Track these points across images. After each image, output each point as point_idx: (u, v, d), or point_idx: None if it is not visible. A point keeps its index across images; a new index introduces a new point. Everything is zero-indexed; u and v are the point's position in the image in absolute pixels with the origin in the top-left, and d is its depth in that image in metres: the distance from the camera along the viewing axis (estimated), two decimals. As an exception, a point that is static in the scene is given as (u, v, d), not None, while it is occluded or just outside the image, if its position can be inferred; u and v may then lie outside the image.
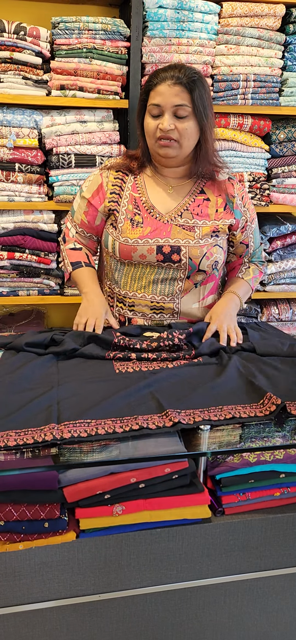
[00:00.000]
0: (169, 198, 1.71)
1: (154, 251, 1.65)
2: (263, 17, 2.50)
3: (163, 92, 1.59)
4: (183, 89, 1.59)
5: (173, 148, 1.63)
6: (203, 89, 1.63)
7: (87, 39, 2.41)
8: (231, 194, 1.74)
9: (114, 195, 1.71)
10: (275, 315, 2.93)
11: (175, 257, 1.65)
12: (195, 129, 1.63)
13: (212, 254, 1.69)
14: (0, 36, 2.33)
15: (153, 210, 1.68)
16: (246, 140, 2.65)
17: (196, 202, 1.70)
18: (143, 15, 2.41)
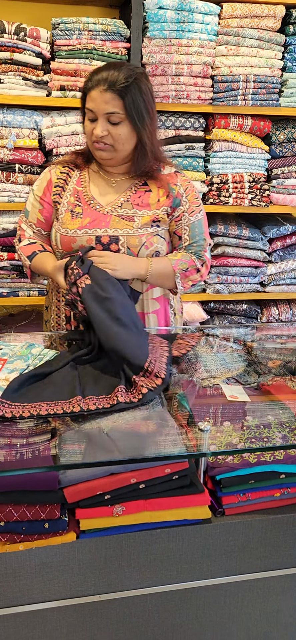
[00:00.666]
0: (111, 191, 1.71)
1: (93, 241, 1.65)
2: (263, 18, 2.51)
3: (95, 98, 1.58)
4: (115, 96, 1.56)
5: (108, 152, 1.64)
6: (139, 92, 1.59)
7: (87, 40, 2.41)
8: (174, 183, 1.73)
9: (58, 188, 1.73)
10: (275, 315, 2.93)
11: (113, 247, 1.65)
12: (131, 132, 1.62)
13: (152, 244, 1.68)
14: (0, 37, 2.33)
15: (93, 202, 1.69)
16: (246, 141, 2.65)
17: (137, 194, 1.71)
18: (143, 16, 2.41)
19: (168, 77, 2.48)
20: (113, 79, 1.56)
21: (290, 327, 2.58)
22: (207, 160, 2.68)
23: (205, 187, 2.67)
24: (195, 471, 1.29)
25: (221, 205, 2.71)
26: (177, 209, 1.73)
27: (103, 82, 1.56)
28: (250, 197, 2.71)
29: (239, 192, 2.70)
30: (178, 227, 1.75)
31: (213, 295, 2.82)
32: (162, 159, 1.75)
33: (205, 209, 2.68)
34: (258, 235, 2.76)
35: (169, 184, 1.72)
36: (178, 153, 2.61)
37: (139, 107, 1.59)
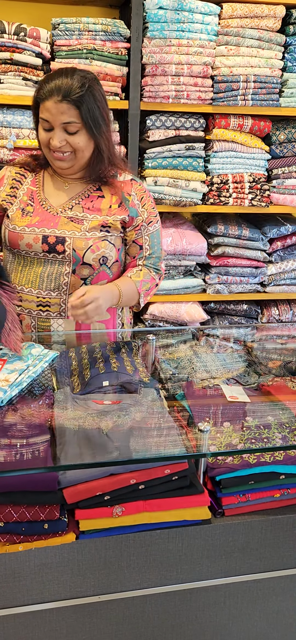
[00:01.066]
0: (64, 193, 1.71)
1: (40, 240, 1.65)
2: (263, 18, 2.50)
3: (50, 108, 1.56)
4: (70, 106, 1.55)
5: (68, 160, 1.64)
6: (93, 100, 1.59)
7: (87, 40, 2.41)
8: (128, 192, 1.72)
9: (13, 189, 1.73)
10: (275, 316, 2.93)
11: (59, 248, 1.65)
12: (88, 140, 1.62)
13: (99, 248, 1.66)
14: (0, 37, 2.33)
15: (45, 203, 1.70)
16: (246, 141, 2.65)
17: (90, 198, 1.71)
18: (143, 17, 2.41)
19: (168, 77, 2.48)
20: (68, 88, 1.55)
21: (290, 327, 2.57)
22: (207, 160, 2.68)
23: (205, 187, 2.67)
24: (195, 472, 1.28)
25: (221, 206, 2.70)
26: (135, 218, 1.73)
27: (57, 91, 1.55)
28: (250, 197, 2.71)
29: (239, 192, 2.70)
30: (138, 236, 1.75)
31: (213, 295, 2.81)
32: (118, 164, 1.75)
33: (205, 209, 2.71)
34: (259, 236, 2.76)
35: (123, 193, 1.72)
36: (178, 153, 2.61)
37: (95, 115, 1.60)
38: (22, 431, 1.28)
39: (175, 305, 2.77)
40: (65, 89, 1.55)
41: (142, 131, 2.60)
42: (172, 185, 2.62)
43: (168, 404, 1.46)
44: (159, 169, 2.61)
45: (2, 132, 2.42)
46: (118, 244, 1.74)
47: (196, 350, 1.86)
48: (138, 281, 1.72)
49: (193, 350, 1.85)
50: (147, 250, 1.77)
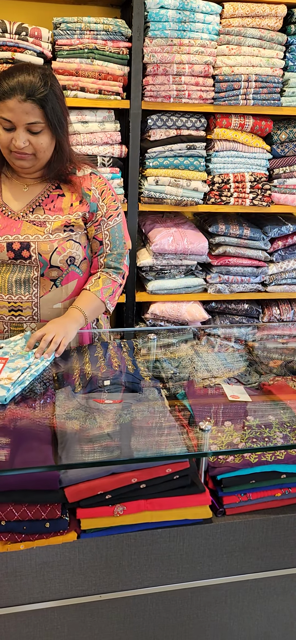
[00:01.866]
0: (23, 196, 1.67)
1: (4, 248, 1.62)
2: (264, 18, 2.50)
3: (13, 108, 1.49)
4: (34, 105, 1.50)
5: (29, 160, 1.59)
6: (56, 98, 1.56)
7: (89, 40, 2.41)
8: (88, 187, 1.69)
9: None
10: (276, 315, 2.93)
11: (25, 254, 1.62)
12: (50, 139, 1.59)
13: (65, 249, 1.64)
14: (1, 36, 2.33)
15: (5, 208, 1.65)
16: (247, 141, 2.65)
17: (50, 198, 1.67)
18: (144, 16, 2.41)
19: (170, 76, 2.48)
20: (31, 86, 1.49)
21: (291, 326, 2.57)
22: (208, 159, 2.68)
23: (207, 186, 2.67)
24: (196, 471, 1.29)
25: (222, 205, 2.70)
26: (95, 214, 1.70)
27: (20, 90, 1.48)
28: (251, 197, 2.71)
29: (240, 191, 2.70)
30: (97, 231, 1.72)
31: (214, 295, 2.81)
32: (75, 160, 1.71)
33: (207, 209, 2.71)
34: (260, 235, 2.76)
35: (83, 189, 1.68)
36: (180, 153, 2.61)
37: (58, 114, 1.56)
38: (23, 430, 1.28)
39: (176, 304, 2.77)
40: (28, 87, 1.49)
41: (143, 131, 2.60)
42: (173, 185, 2.62)
43: (169, 402, 1.46)
44: (160, 168, 2.61)
45: (4, 131, 2.42)
46: (84, 241, 1.71)
47: (197, 350, 1.86)
48: (98, 290, 1.69)
49: (194, 350, 1.86)
50: (108, 245, 1.73)
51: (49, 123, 1.54)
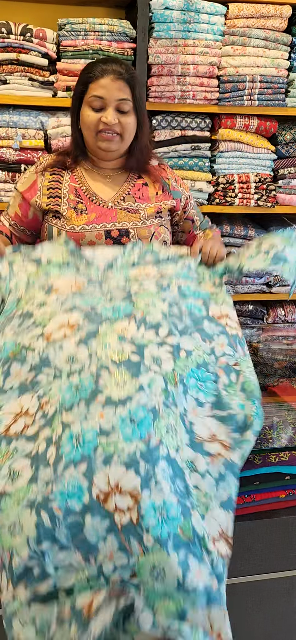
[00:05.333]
0: (108, 186, 1.73)
1: (103, 236, 1.65)
2: (269, 18, 2.50)
3: (106, 85, 1.59)
4: (125, 84, 1.61)
5: (115, 142, 1.65)
6: (139, 85, 1.68)
7: (93, 41, 2.41)
8: (166, 177, 1.80)
9: (55, 193, 1.71)
10: (281, 316, 2.92)
11: (124, 240, 1.66)
12: (135, 123, 1.67)
13: (160, 234, 1.72)
14: (6, 38, 2.34)
15: (95, 198, 1.69)
16: (252, 141, 2.65)
17: (136, 187, 1.74)
18: (149, 17, 2.41)
19: (174, 77, 2.48)
20: (122, 69, 1.61)
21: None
22: (212, 160, 2.68)
23: (211, 187, 2.66)
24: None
25: (227, 206, 2.70)
26: (180, 199, 1.81)
27: (112, 70, 1.60)
28: (256, 198, 2.70)
29: (245, 192, 2.70)
30: (187, 212, 1.86)
31: (218, 295, 2.81)
32: (149, 151, 1.81)
33: (211, 210, 2.71)
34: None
35: (162, 179, 1.79)
36: (184, 153, 2.61)
37: (141, 98, 1.68)
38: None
39: (181, 305, 2.77)
40: (119, 69, 1.61)
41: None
42: (178, 186, 2.62)
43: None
44: (172, 169, 2.60)
45: (8, 132, 2.43)
46: (170, 227, 1.82)
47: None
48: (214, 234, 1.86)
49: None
50: (198, 220, 1.90)
51: (135, 104, 1.64)
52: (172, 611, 0.89)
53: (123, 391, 1.04)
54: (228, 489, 1.04)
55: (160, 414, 1.02)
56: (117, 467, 0.94)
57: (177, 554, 0.91)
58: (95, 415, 1.00)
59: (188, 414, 1.06)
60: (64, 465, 0.93)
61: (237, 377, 1.18)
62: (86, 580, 0.91)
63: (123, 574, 0.91)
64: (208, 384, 1.14)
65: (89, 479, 0.92)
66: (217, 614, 0.92)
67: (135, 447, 0.96)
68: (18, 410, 1.07)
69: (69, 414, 1.02)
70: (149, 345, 1.15)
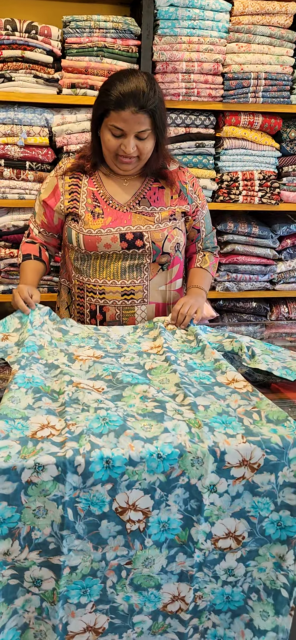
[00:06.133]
0: (125, 190, 1.76)
1: (118, 239, 1.70)
2: (274, 15, 2.50)
3: (127, 119, 1.58)
4: (146, 116, 1.60)
5: (133, 164, 1.70)
6: (162, 105, 1.65)
7: (98, 38, 2.42)
8: (184, 181, 1.81)
9: (74, 196, 1.75)
10: (284, 314, 2.92)
11: (138, 243, 1.71)
12: (153, 143, 1.69)
13: (173, 236, 1.75)
14: (11, 35, 2.34)
15: (111, 201, 1.74)
16: (256, 139, 2.65)
17: (152, 191, 1.77)
18: (154, 14, 2.42)
19: (179, 74, 2.48)
20: (144, 98, 1.57)
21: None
22: (217, 158, 2.68)
23: (215, 184, 2.67)
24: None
25: (231, 203, 2.70)
26: (191, 206, 1.82)
27: (133, 102, 1.57)
28: (260, 195, 2.70)
29: (249, 190, 2.70)
30: (196, 221, 1.86)
31: (222, 293, 2.81)
32: (168, 157, 1.82)
33: (215, 207, 2.71)
34: (268, 233, 2.76)
35: (180, 182, 1.80)
36: (189, 151, 2.61)
37: (163, 119, 1.67)
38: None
39: (184, 302, 2.78)
40: (141, 99, 1.57)
41: (152, 128, 2.61)
42: (182, 183, 2.63)
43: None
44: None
45: (13, 129, 2.44)
46: (184, 228, 1.84)
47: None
48: (208, 266, 1.90)
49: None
50: (203, 232, 1.91)
51: (155, 130, 1.65)
52: (150, 585, 1.15)
53: (149, 433, 1.13)
54: (242, 504, 1.13)
55: (186, 449, 1.09)
56: (137, 491, 1.07)
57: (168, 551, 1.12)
58: (125, 445, 1.08)
59: (220, 444, 1.12)
60: (92, 482, 1.05)
61: (259, 415, 1.23)
62: (90, 562, 1.10)
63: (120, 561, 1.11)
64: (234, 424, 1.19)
65: (112, 497, 1.07)
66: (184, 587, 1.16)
67: (155, 479, 1.08)
68: (45, 422, 1.16)
69: (98, 439, 1.10)
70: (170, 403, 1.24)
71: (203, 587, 1.18)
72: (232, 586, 1.19)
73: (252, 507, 1.13)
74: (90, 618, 1.14)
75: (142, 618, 1.17)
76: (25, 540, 1.06)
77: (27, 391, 1.25)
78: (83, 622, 1.14)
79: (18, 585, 1.10)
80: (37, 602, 1.11)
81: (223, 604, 1.21)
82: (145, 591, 1.15)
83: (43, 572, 1.08)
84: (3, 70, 2.38)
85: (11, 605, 1.11)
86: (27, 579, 1.09)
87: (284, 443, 1.13)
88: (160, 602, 1.17)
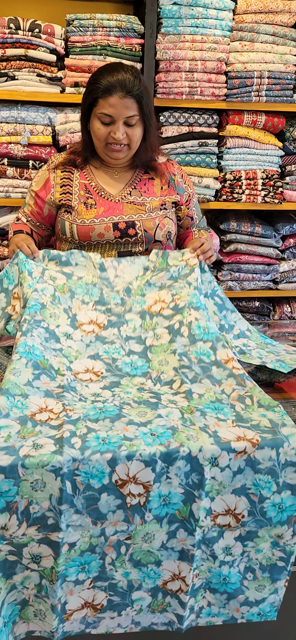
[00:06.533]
0: (116, 181, 1.82)
1: (111, 229, 1.75)
2: (277, 14, 2.49)
3: (114, 104, 1.66)
4: (133, 100, 1.67)
5: (123, 152, 1.76)
6: (147, 93, 1.73)
7: (101, 36, 2.41)
8: (172, 172, 1.88)
9: (66, 189, 1.79)
10: (287, 313, 2.92)
11: (131, 232, 1.76)
12: (142, 131, 1.75)
13: (164, 225, 1.81)
14: (15, 33, 2.34)
15: (103, 192, 1.79)
16: (259, 138, 2.64)
17: (142, 182, 1.83)
18: (157, 12, 2.41)
19: (182, 73, 2.48)
20: (130, 83, 1.66)
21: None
22: (220, 157, 2.68)
23: (218, 183, 2.66)
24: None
25: (234, 202, 2.70)
26: (183, 195, 1.89)
27: (120, 87, 1.65)
28: (263, 194, 2.70)
29: (252, 189, 2.69)
30: (189, 210, 1.94)
31: (225, 292, 2.80)
32: (156, 149, 1.87)
33: (218, 206, 2.71)
34: (271, 232, 2.75)
35: (169, 174, 1.87)
36: (192, 150, 2.61)
37: (148, 107, 1.74)
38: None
39: (187, 301, 2.77)
40: (127, 85, 1.65)
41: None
42: (185, 182, 2.62)
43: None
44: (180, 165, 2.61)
45: (17, 128, 2.44)
46: (174, 218, 1.90)
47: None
48: (205, 238, 1.89)
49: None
50: (196, 219, 1.98)
51: (142, 116, 1.72)
52: (150, 560, 1.14)
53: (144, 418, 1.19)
54: (243, 480, 1.14)
55: (179, 429, 1.16)
56: (137, 463, 1.08)
57: (169, 526, 1.12)
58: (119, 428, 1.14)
59: (210, 428, 1.17)
60: (90, 452, 1.07)
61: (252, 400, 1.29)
62: (89, 537, 1.10)
63: (120, 536, 1.11)
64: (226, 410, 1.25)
65: (112, 468, 1.07)
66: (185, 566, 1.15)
67: (155, 450, 1.10)
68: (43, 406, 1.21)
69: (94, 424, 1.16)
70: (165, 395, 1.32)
71: (200, 565, 1.18)
72: (229, 566, 1.19)
73: (253, 485, 1.14)
74: (88, 594, 1.15)
75: (141, 595, 1.18)
76: (23, 515, 1.06)
77: (27, 363, 1.29)
78: (81, 598, 1.15)
79: (16, 562, 1.10)
80: (37, 579, 1.11)
81: (220, 585, 1.21)
82: (144, 567, 1.15)
83: (42, 549, 1.08)
84: (6, 69, 2.38)
85: (9, 581, 1.11)
86: (26, 555, 1.09)
87: (273, 424, 1.19)
88: (160, 579, 1.17)
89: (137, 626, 1.21)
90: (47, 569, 1.10)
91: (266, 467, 1.14)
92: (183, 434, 1.13)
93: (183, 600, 1.19)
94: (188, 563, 1.16)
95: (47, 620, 1.14)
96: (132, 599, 1.18)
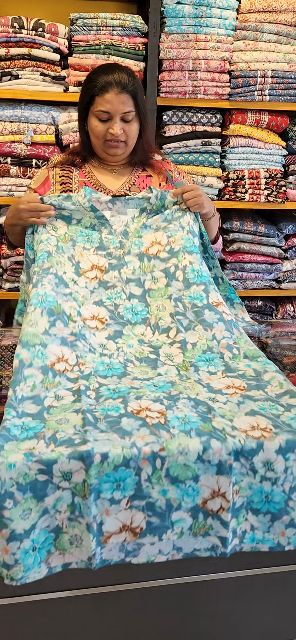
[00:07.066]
0: (115, 178, 1.85)
1: None
2: (281, 13, 2.49)
3: (111, 100, 1.70)
4: (129, 96, 1.72)
5: (121, 148, 1.79)
6: (141, 90, 1.78)
7: (105, 35, 2.42)
8: (169, 169, 1.91)
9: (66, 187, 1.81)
10: (290, 312, 2.92)
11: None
12: (138, 127, 1.79)
13: None
14: (18, 32, 2.35)
15: (103, 189, 1.81)
16: (263, 137, 2.64)
17: (141, 178, 1.86)
18: (161, 12, 2.41)
19: (186, 72, 2.48)
20: (124, 80, 1.70)
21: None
22: (223, 156, 2.68)
23: (221, 183, 2.66)
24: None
25: (237, 202, 2.70)
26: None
27: (116, 84, 1.70)
28: (266, 194, 2.70)
29: (255, 188, 2.69)
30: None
31: (228, 291, 2.81)
32: (152, 147, 1.91)
33: (221, 205, 2.71)
34: (274, 232, 2.75)
35: (166, 171, 1.89)
36: (195, 149, 2.61)
37: (143, 103, 1.79)
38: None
39: (190, 300, 2.78)
40: (122, 81, 1.70)
41: (159, 126, 2.61)
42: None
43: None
44: (175, 164, 2.61)
45: (20, 127, 2.45)
46: None
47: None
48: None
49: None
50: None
51: (138, 112, 1.76)
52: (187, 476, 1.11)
53: (146, 376, 1.36)
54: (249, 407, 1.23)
55: (177, 383, 1.32)
56: (147, 400, 1.22)
57: (200, 437, 1.12)
58: (127, 382, 1.31)
59: (203, 381, 1.34)
60: (104, 398, 1.23)
61: (238, 350, 1.46)
62: (121, 449, 1.08)
63: (153, 447, 1.09)
64: (216, 361, 1.42)
65: (125, 405, 1.20)
66: (224, 480, 1.11)
67: (159, 394, 1.25)
68: (60, 355, 1.34)
69: (103, 379, 1.32)
70: (162, 346, 1.48)
71: (239, 480, 1.13)
72: (272, 484, 1.14)
73: (261, 409, 1.22)
74: (125, 516, 1.09)
75: (181, 515, 1.12)
76: (51, 439, 1.11)
77: (42, 312, 1.39)
78: (118, 520, 1.09)
79: (47, 482, 1.06)
80: (69, 498, 1.07)
81: (262, 504, 1.16)
82: (182, 484, 1.11)
83: (72, 465, 1.05)
84: (10, 68, 2.38)
85: (41, 503, 1.07)
86: (56, 473, 1.06)
87: (256, 373, 1.36)
88: (199, 497, 1.12)
89: (179, 552, 1.15)
90: (79, 483, 1.06)
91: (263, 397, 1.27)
92: (181, 386, 1.30)
93: (225, 519, 1.13)
94: (227, 476, 1.10)
95: (84, 545, 1.09)
96: (172, 521, 1.12)
